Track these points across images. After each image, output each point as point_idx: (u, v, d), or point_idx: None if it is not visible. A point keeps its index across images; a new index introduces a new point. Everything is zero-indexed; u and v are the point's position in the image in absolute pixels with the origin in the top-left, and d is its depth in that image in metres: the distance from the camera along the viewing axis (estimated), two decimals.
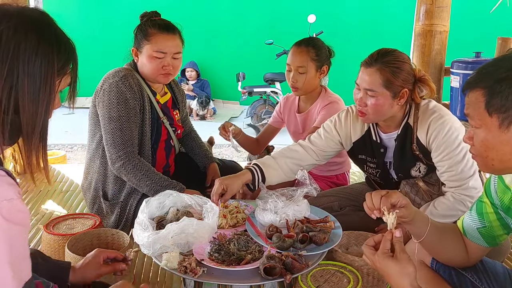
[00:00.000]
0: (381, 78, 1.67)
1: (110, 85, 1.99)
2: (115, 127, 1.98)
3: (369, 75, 1.69)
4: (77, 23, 7.58)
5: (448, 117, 1.72)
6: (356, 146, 1.93)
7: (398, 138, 1.81)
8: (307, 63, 2.20)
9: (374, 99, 1.69)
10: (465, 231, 1.26)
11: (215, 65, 7.77)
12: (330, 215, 1.71)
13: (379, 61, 1.68)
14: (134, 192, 2.08)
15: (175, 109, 2.29)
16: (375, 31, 7.58)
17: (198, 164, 2.41)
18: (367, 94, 1.70)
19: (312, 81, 2.25)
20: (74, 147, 5.45)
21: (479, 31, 7.20)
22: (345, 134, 1.93)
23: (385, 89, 1.68)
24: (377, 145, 1.87)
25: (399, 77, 1.68)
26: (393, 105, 1.72)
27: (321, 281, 1.44)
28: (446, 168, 1.71)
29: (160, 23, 2.04)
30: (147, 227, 1.48)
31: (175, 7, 7.37)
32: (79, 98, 6.24)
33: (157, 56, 2.01)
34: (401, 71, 1.68)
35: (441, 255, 1.28)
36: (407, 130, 1.78)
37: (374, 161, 1.91)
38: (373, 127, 1.88)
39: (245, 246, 1.52)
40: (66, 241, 1.69)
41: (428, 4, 2.81)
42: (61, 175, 3.06)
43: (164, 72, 2.04)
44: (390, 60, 1.68)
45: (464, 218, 1.28)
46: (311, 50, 2.22)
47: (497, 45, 3.69)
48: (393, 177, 1.89)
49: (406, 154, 1.80)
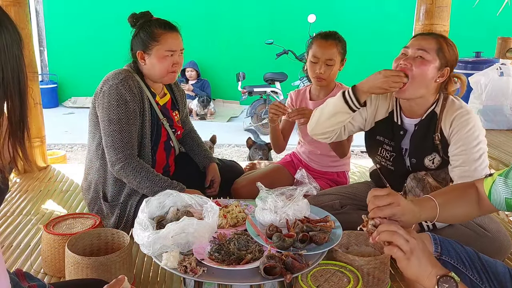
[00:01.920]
0: (437, 44, 1.74)
1: (109, 87, 1.99)
2: (114, 130, 1.98)
3: (424, 39, 1.76)
4: (77, 23, 7.59)
5: (473, 116, 1.76)
6: (377, 126, 1.96)
7: (419, 124, 1.83)
8: (335, 56, 2.27)
9: (424, 62, 1.72)
10: (491, 196, 1.24)
11: (215, 65, 7.78)
12: (330, 215, 1.71)
13: (433, 33, 1.81)
14: (133, 193, 2.08)
15: (175, 110, 2.29)
16: (375, 31, 7.58)
17: (198, 164, 2.41)
18: (418, 55, 1.73)
19: (335, 73, 2.34)
20: (74, 147, 5.45)
21: (479, 31, 7.21)
22: (372, 112, 1.96)
23: (436, 55, 1.73)
24: (398, 127, 1.89)
25: (449, 51, 1.75)
26: (434, 79, 1.75)
27: (321, 281, 1.44)
28: (460, 162, 1.72)
29: (163, 22, 2.06)
30: (147, 226, 1.48)
31: (175, 7, 7.38)
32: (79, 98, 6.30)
33: (168, 55, 2.03)
34: (452, 48, 1.76)
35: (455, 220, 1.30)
36: (432, 118, 1.80)
37: (391, 144, 1.92)
38: (397, 110, 1.90)
39: (245, 246, 1.52)
40: (66, 241, 1.69)
41: (428, 4, 2.81)
42: (61, 175, 3.06)
43: (173, 70, 2.06)
44: (444, 36, 1.81)
45: (495, 183, 1.24)
46: (338, 44, 2.29)
47: (497, 45, 3.70)
48: (406, 164, 1.89)
49: (426, 142, 1.81)
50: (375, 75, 1.75)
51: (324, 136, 1.97)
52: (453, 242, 1.28)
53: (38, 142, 3.13)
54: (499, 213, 2.58)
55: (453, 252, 1.25)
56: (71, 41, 7.60)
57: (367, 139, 2.04)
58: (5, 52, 0.86)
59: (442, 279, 0.98)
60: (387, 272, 1.62)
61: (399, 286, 1.77)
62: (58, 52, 7.70)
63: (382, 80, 1.72)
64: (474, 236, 1.76)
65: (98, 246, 1.78)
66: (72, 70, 7.67)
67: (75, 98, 7.64)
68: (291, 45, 6.36)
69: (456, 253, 1.25)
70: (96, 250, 1.77)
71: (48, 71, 7.78)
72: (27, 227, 2.28)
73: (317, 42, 2.30)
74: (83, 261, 1.57)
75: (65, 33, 7.61)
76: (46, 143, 3.25)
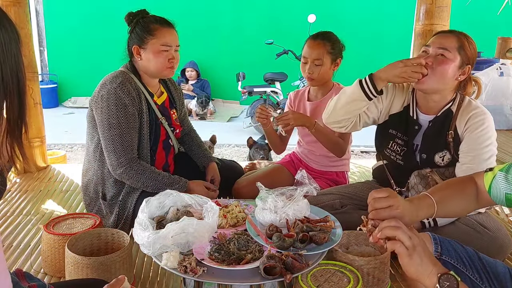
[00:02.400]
0: (458, 42, 1.74)
1: (108, 91, 1.99)
2: (115, 134, 1.98)
3: (445, 37, 1.76)
4: (77, 23, 7.58)
5: (488, 117, 1.76)
6: (391, 119, 1.95)
7: (434, 120, 1.83)
8: (323, 55, 2.27)
9: (445, 60, 1.72)
10: (491, 190, 1.24)
11: (215, 65, 7.78)
12: (330, 215, 1.71)
13: (454, 31, 1.79)
14: (133, 191, 2.08)
15: (172, 108, 2.29)
16: (375, 31, 7.58)
17: (197, 164, 2.41)
18: (439, 53, 1.73)
19: (327, 73, 2.32)
20: (74, 147, 5.45)
21: (479, 31, 7.20)
22: (387, 104, 1.96)
23: (458, 53, 1.73)
24: (413, 121, 1.89)
25: (470, 50, 1.75)
26: (455, 76, 1.75)
27: (321, 281, 1.44)
28: (468, 160, 1.74)
29: (159, 18, 2.07)
30: (147, 226, 1.48)
31: (175, 7, 7.38)
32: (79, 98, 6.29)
33: (164, 49, 2.03)
34: (473, 47, 1.77)
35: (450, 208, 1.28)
36: (448, 115, 1.80)
37: (404, 138, 1.92)
38: (413, 104, 1.90)
39: (245, 246, 1.52)
40: (66, 241, 1.69)
41: (428, 4, 2.81)
42: (61, 175, 3.06)
43: (170, 65, 2.06)
44: (465, 34, 1.79)
45: (496, 178, 1.23)
46: (327, 44, 2.28)
47: (497, 45, 3.70)
48: (416, 159, 1.89)
49: (439, 139, 1.82)
50: (394, 64, 1.72)
51: (340, 124, 1.94)
52: (453, 242, 1.28)
53: (38, 142, 3.13)
54: (499, 213, 2.58)
55: (453, 252, 1.25)
56: (71, 41, 7.60)
57: (378, 132, 2.03)
58: (3, 51, 0.87)
59: (443, 277, 0.98)
60: (387, 272, 1.62)
61: (399, 286, 1.77)
62: (58, 52, 7.70)
63: (402, 69, 1.69)
64: (475, 234, 1.77)
65: (98, 246, 1.78)
66: (72, 70, 7.67)
67: (75, 98, 7.64)
68: (291, 45, 6.36)
69: (456, 253, 1.25)
70: (96, 250, 1.77)
71: (48, 71, 7.78)
72: (27, 227, 2.28)
73: (307, 42, 2.33)
74: (83, 261, 1.57)
75: (65, 33, 7.61)
76: (46, 143, 3.25)
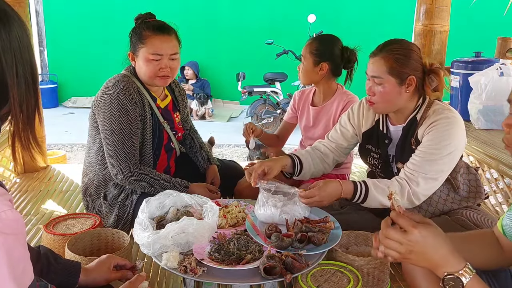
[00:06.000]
0: (385, 65, 1.71)
1: (110, 96, 1.97)
2: (117, 140, 1.98)
3: (374, 63, 1.75)
4: (77, 23, 7.58)
5: (456, 131, 1.70)
6: (364, 136, 1.97)
7: (403, 130, 1.83)
8: (305, 53, 2.30)
9: (381, 87, 1.74)
10: (504, 231, 1.23)
11: (215, 65, 7.78)
12: (330, 215, 1.71)
13: (383, 49, 1.74)
14: (133, 192, 2.08)
15: (176, 111, 2.27)
16: (375, 31, 7.58)
17: (198, 166, 2.41)
18: (375, 82, 1.75)
19: (308, 72, 2.32)
20: (74, 147, 5.45)
21: (479, 31, 7.20)
22: (358, 125, 1.98)
23: (390, 75, 1.71)
24: (383, 135, 1.89)
25: (403, 63, 1.71)
26: (401, 92, 1.74)
27: (321, 281, 1.44)
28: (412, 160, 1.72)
29: (154, 24, 2.00)
30: (147, 226, 1.48)
31: (175, 7, 7.38)
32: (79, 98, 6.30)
33: (153, 58, 1.97)
34: (406, 58, 1.71)
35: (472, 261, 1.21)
36: (412, 124, 1.80)
37: (378, 151, 1.93)
38: (383, 118, 1.91)
39: (245, 246, 1.52)
40: (66, 241, 1.69)
41: (428, 4, 2.81)
42: (61, 175, 3.06)
43: (162, 74, 2.00)
44: (394, 48, 1.73)
45: (503, 219, 1.24)
46: (313, 43, 2.30)
47: (497, 45, 3.69)
48: (393, 171, 1.89)
49: (406, 147, 1.81)
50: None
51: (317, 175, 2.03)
52: None
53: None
54: (499, 213, 2.58)
55: None
56: (71, 41, 7.60)
57: (359, 149, 2.06)
58: (19, 47, 0.84)
59: (447, 278, 0.98)
60: (387, 272, 1.62)
61: (399, 286, 1.77)
62: (58, 52, 7.70)
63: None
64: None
65: (98, 246, 1.78)
66: (72, 70, 7.67)
67: (75, 98, 7.64)
68: (291, 45, 6.36)
69: None
70: (96, 250, 1.77)
71: (48, 71, 7.78)
72: (27, 227, 2.28)
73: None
74: (83, 261, 1.57)
75: (65, 33, 7.61)
76: (46, 143, 3.25)
